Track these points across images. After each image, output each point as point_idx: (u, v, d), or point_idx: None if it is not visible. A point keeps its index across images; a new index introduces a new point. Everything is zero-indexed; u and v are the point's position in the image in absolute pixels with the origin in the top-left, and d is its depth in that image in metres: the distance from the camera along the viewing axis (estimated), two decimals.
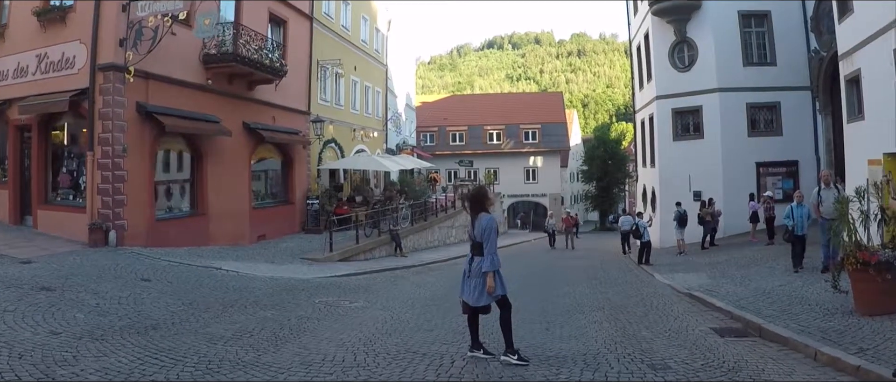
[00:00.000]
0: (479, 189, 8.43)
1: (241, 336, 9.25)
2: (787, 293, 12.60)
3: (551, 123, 70.39)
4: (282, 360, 7.96)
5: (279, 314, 11.37)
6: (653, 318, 11.40)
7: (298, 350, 8.54)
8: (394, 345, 9.00)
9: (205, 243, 21.40)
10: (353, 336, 9.67)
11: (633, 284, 17.11)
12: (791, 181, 29.30)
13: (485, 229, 7.87)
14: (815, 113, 28.80)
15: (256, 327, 10.02)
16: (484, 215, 8.05)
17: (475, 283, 8.00)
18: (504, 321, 7.97)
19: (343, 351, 8.54)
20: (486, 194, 8.30)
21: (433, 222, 34.83)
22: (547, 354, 8.51)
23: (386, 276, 19.65)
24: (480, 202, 8.16)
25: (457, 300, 13.68)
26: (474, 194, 8.30)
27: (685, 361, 8.06)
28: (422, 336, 9.77)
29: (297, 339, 9.30)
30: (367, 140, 38.49)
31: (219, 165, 22.55)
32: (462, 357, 8.19)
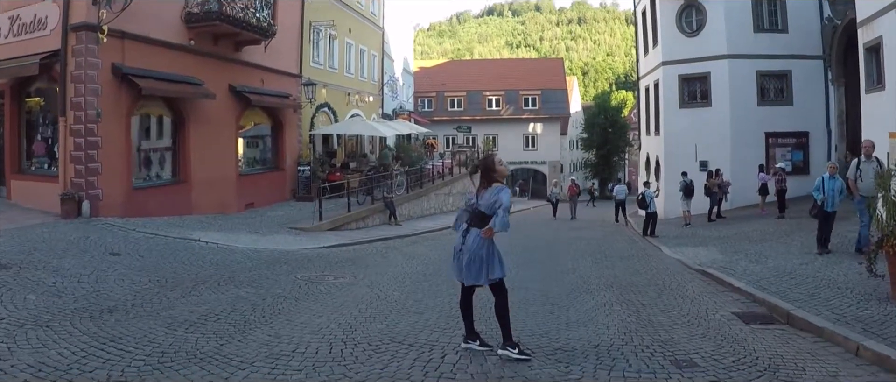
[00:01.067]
0: (486, 158, 7.36)
1: (207, 320, 8.23)
2: (810, 274, 11.54)
3: (551, 90, 69.15)
4: (246, 351, 6.90)
5: (254, 292, 10.36)
6: (667, 300, 10.34)
7: (267, 339, 7.48)
8: (377, 332, 7.94)
9: (187, 212, 20.44)
10: (332, 319, 8.63)
11: (641, 259, 16.04)
12: (801, 153, 28.60)
13: (500, 198, 6.86)
14: (827, 83, 27.94)
15: (226, 308, 9.01)
16: (498, 186, 7.03)
17: (471, 258, 6.96)
18: (500, 308, 6.98)
19: (318, 340, 7.48)
20: (493, 164, 7.19)
21: (429, 189, 33.80)
22: (553, 345, 7.46)
23: (377, 247, 18.63)
24: (488, 173, 7.11)
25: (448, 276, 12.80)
26: (482, 163, 7.26)
27: (712, 356, 7.00)
28: (410, 320, 8.71)
29: (269, 324, 8.25)
30: (363, 105, 37.26)
31: (203, 130, 21.47)
32: (455, 349, 7.13)
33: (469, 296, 7.28)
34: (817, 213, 14.09)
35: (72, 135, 16.90)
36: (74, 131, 16.87)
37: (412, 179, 32.47)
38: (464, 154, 45.06)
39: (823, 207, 13.81)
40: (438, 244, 19.50)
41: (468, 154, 45.59)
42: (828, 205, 13.81)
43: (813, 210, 14.40)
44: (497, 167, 7.11)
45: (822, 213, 13.90)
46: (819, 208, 13.92)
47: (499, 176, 7.11)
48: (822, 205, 13.81)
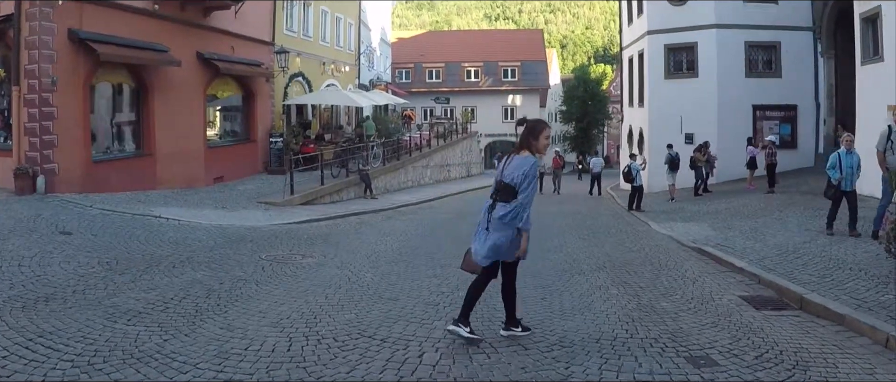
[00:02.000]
0: (537, 121, 6.57)
1: (154, 309, 7.28)
2: (816, 253, 10.73)
3: (531, 61, 68.04)
4: (192, 349, 5.94)
5: (212, 275, 9.39)
6: (666, 281, 9.45)
7: (219, 333, 6.53)
8: (345, 324, 6.97)
9: (152, 187, 19.35)
10: (295, 308, 7.67)
11: (630, 235, 15.16)
12: (789, 127, 28.17)
13: (529, 173, 6.10)
14: (817, 55, 27.40)
15: (178, 294, 8.06)
16: (527, 155, 6.24)
17: (490, 237, 6.24)
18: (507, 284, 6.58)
19: (277, 334, 6.51)
20: (540, 130, 6.35)
21: (406, 161, 32.80)
22: (548, 338, 6.52)
23: (351, 222, 17.66)
24: (528, 136, 6.33)
25: (426, 255, 11.92)
26: (529, 122, 6.44)
27: (731, 351, 6.11)
28: (383, 308, 7.73)
29: (223, 314, 7.29)
30: (338, 75, 36.06)
31: (168, 99, 20.26)
32: (435, 345, 6.20)
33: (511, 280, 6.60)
34: (834, 193, 12.48)
35: (26, 105, 15.80)
36: (28, 101, 15.78)
37: (389, 151, 31.44)
38: (442, 126, 44.05)
39: (840, 186, 12.30)
40: (416, 220, 18.60)
41: (446, 126, 44.64)
42: (845, 184, 12.31)
43: (829, 190, 12.61)
44: (541, 137, 6.28)
45: (839, 193, 12.41)
46: (836, 188, 12.37)
47: (537, 147, 6.28)
48: (838, 185, 12.30)
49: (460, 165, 45.16)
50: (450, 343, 6.26)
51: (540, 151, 6.31)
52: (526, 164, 6.11)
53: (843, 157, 12.31)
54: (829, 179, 12.48)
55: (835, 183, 12.30)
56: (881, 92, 16.77)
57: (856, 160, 12.43)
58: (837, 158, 12.34)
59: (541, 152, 6.32)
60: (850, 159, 12.35)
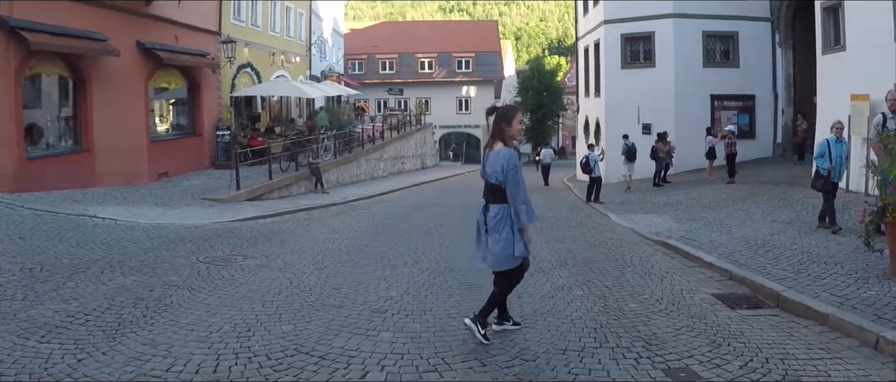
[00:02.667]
0: (508, 107, 6.18)
1: (73, 323, 6.47)
2: (786, 245, 10.25)
3: (485, 53, 67.31)
4: (108, 370, 5.18)
5: (142, 281, 8.52)
6: (633, 279, 8.83)
7: (141, 350, 5.74)
8: (280, 338, 6.19)
9: (92, 184, 18.28)
10: (228, 318, 6.87)
11: (591, 228, 14.56)
12: (747, 116, 27.93)
13: (508, 168, 5.70)
14: (775, 45, 27.18)
15: (102, 304, 7.23)
16: (500, 148, 5.85)
17: (494, 240, 5.87)
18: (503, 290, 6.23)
19: (205, 351, 5.74)
20: (512, 117, 5.88)
21: (359, 154, 32.00)
22: (508, 349, 5.82)
23: (299, 218, 16.81)
24: (499, 123, 5.91)
25: (376, 254, 11.13)
26: (500, 110, 6.00)
27: (712, 360, 5.47)
28: (325, 318, 6.96)
29: (149, 326, 6.50)
30: (289, 66, 35.00)
31: (108, 91, 19.14)
32: (379, 362, 5.46)
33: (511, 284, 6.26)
34: (824, 184, 11.46)
35: None
36: None
37: (341, 143, 30.57)
38: (395, 117, 43.33)
39: (830, 177, 11.38)
40: (367, 215, 17.80)
41: (400, 118, 43.90)
42: (835, 175, 11.47)
43: (819, 182, 11.53)
44: (514, 122, 5.83)
45: (829, 184, 11.44)
46: (825, 179, 11.40)
47: (510, 135, 5.90)
48: (828, 175, 11.36)
49: (415, 157, 44.42)
50: (397, 359, 5.55)
51: (513, 137, 5.90)
52: (501, 158, 5.69)
53: (832, 145, 11.44)
54: (817, 169, 11.55)
55: (824, 173, 11.38)
56: (843, 81, 16.56)
57: (845, 149, 11.73)
58: (826, 146, 11.45)
59: (515, 138, 5.91)
60: (840, 147, 11.51)
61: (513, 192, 5.64)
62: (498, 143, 5.80)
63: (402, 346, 5.89)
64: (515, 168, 5.66)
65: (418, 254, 10.93)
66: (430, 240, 12.58)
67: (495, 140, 5.83)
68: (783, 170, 22.07)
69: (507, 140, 5.81)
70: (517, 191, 5.65)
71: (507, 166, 5.63)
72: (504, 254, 5.78)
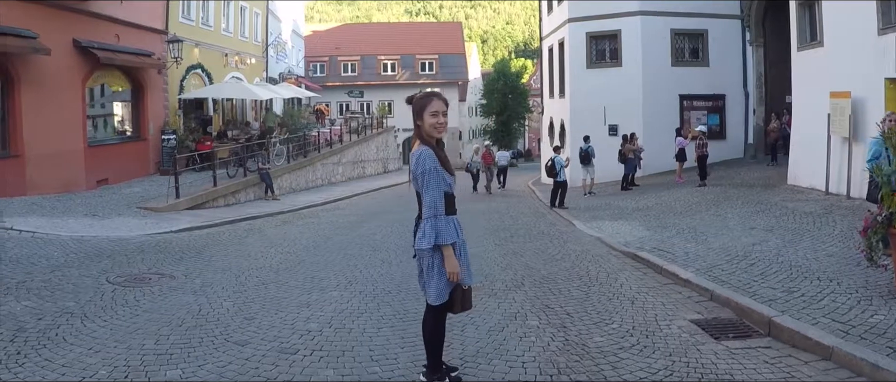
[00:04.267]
0: (424, 95, 4.66)
1: None
2: (772, 258, 9.02)
3: (449, 54, 66.35)
4: None
5: (36, 306, 7.43)
6: (599, 303, 7.54)
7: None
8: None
9: (20, 192, 16.89)
10: (109, 359, 5.67)
11: (554, 238, 13.26)
12: (717, 117, 27.06)
13: (418, 173, 4.45)
14: (745, 44, 26.30)
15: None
16: (416, 147, 4.55)
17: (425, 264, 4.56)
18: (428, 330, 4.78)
19: None
20: (423, 106, 4.52)
21: (315, 158, 30.67)
22: None
23: (239, 229, 15.49)
24: (415, 117, 4.58)
25: (308, 273, 9.70)
26: (416, 98, 4.64)
27: None
28: (222, 359, 5.67)
29: (17, 367, 5.44)
30: (243, 67, 33.58)
31: (39, 93, 17.72)
32: None
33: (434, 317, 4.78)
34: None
35: None
36: None
37: (295, 147, 29.17)
38: (356, 121, 41.97)
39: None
40: (313, 224, 16.53)
41: (360, 121, 42.56)
42: None
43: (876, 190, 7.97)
44: (426, 115, 4.47)
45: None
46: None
47: (425, 131, 4.54)
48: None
49: (376, 161, 43.06)
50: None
51: (429, 134, 4.50)
52: (414, 158, 4.41)
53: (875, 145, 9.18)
54: (872, 177, 8.43)
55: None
56: (821, 78, 15.86)
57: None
58: (876, 147, 9.11)
59: (430, 134, 4.51)
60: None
61: (427, 200, 4.33)
62: (417, 141, 4.52)
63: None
64: (426, 171, 4.35)
65: (355, 273, 9.60)
66: (374, 255, 11.27)
67: (415, 138, 4.56)
68: (756, 171, 21.11)
69: (424, 137, 4.51)
70: (432, 200, 4.32)
71: (417, 168, 4.38)
72: (434, 284, 4.50)
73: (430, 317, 4.67)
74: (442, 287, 4.47)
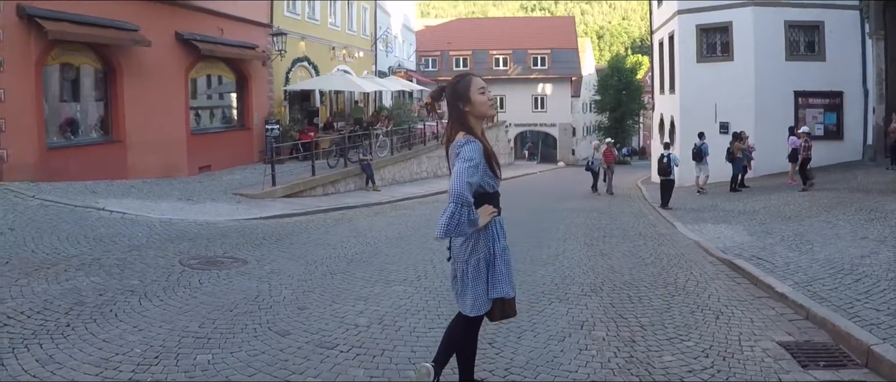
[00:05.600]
0: (457, 79, 4.14)
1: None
2: (880, 274, 7.98)
3: (562, 49, 65.04)
4: None
5: (102, 282, 7.59)
6: (680, 316, 6.93)
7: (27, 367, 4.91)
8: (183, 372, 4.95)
9: (122, 176, 17.42)
10: (149, 338, 5.73)
11: (649, 240, 12.59)
12: (834, 115, 25.24)
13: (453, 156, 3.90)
14: (864, 36, 24.26)
15: (35, 308, 6.41)
16: (462, 137, 3.93)
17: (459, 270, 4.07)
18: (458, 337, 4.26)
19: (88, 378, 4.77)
20: (466, 89, 4.00)
21: (420, 151, 30.62)
22: None
23: (329, 218, 15.49)
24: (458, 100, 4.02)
25: (380, 265, 9.49)
26: (449, 88, 4.11)
27: None
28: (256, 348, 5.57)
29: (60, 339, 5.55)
30: (351, 61, 33.81)
31: (141, 83, 18.28)
32: None
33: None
34: None
35: None
36: None
37: (400, 140, 29.15)
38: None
39: None
40: (406, 215, 16.39)
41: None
42: None
43: None
44: (474, 95, 3.95)
45: None
46: None
47: (474, 113, 4.01)
48: None
49: None
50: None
51: (482, 114, 4.03)
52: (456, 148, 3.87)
53: None
54: None
55: None
56: None
57: None
58: None
59: (486, 116, 4.06)
60: None
61: (450, 184, 3.72)
62: (459, 132, 3.95)
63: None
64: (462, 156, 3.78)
65: (427, 268, 9.27)
66: None
67: (455, 129, 4.00)
68: (874, 175, 19.48)
69: (471, 124, 3.97)
70: (452, 184, 3.69)
71: (452, 155, 3.89)
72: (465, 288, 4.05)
73: (461, 326, 4.19)
74: (479, 296, 4.00)
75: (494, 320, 4.23)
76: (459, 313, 4.16)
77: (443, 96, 4.14)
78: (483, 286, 3.99)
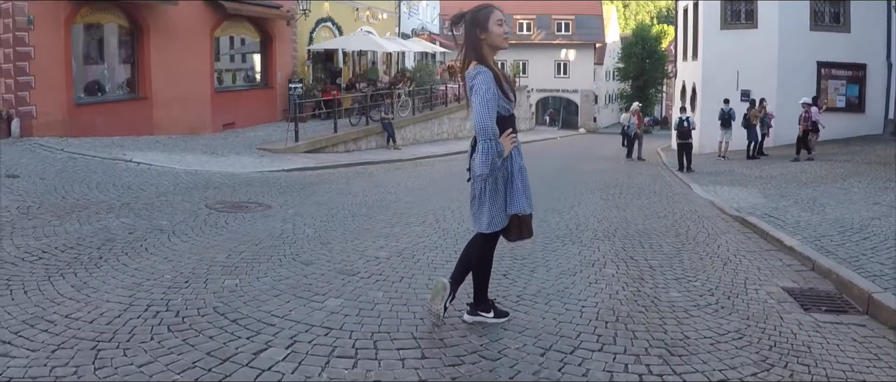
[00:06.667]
0: (482, 5, 4.27)
1: (23, 260, 5.95)
2: (889, 233, 8.17)
3: (586, 15, 64.60)
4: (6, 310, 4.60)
5: (131, 223, 7.86)
6: (689, 260, 7.17)
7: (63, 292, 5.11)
8: (211, 293, 5.20)
9: (148, 132, 17.82)
10: (179, 267, 6.01)
11: (664, 197, 12.83)
12: (856, 88, 24.98)
13: (470, 87, 4.16)
14: (890, 9, 23.86)
15: (67, 244, 6.65)
16: (475, 67, 4.16)
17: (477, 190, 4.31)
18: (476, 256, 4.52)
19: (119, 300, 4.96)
20: (486, 19, 4.19)
21: (441, 112, 30.71)
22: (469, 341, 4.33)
23: (350, 171, 15.80)
24: (476, 27, 4.21)
25: (398, 211, 9.69)
26: (472, 11, 4.25)
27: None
28: (281, 274, 5.86)
29: (93, 269, 5.79)
30: (375, 22, 33.72)
31: (167, 41, 18.49)
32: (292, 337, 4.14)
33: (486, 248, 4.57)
34: None
35: (1, 46, 14.42)
36: (3, 41, 14.40)
37: (421, 100, 29.31)
38: None
39: None
40: (425, 171, 16.68)
41: None
42: None
43: None
44: (491, 25, 4.14)
45: None
46: None
47: (490, 42, 4.21)
48: None
49: None
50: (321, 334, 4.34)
51: (498, 45, 4.22)
52: (470, 78, 4.14)
53: None
54: None
55: None
56: None
57: None
58: None
59: (498, 45, 4.23)
60: None
61: (475, 120, 4.04)
62: (472, 62, 4.19)
63: (341, 318, 4.66)
64: (476, 88, 4.06)
65: (447, 213, 9.57)
66: None
67: (469, 59, 4.22)
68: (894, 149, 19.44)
69: (485, 52, 4.19)
70: (477, 120, 4.02)
71: (468, 84, 4.13)
72: (478, 212, 4.32)
73: (479, 244, 4.45)
74: (496, 213, 4.25)
75: (512, 239, 4.52)
76: (477, 233, 4.43)
77: (462, 21, 4.27)
78: (501, 202, 4.23)
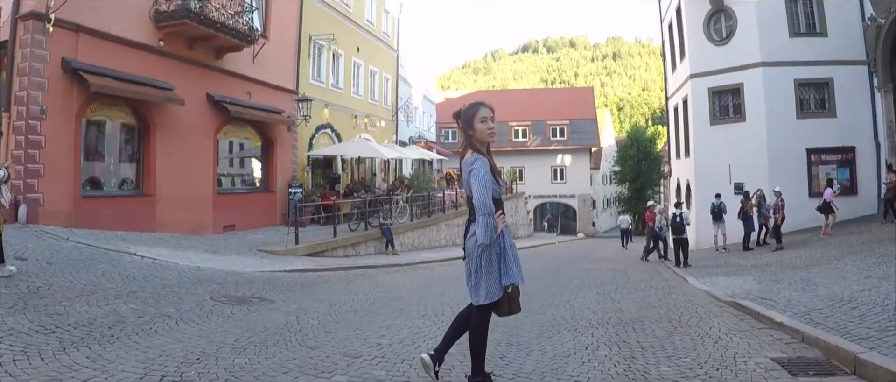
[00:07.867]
0: (470, 105, 5.04)
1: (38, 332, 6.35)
2: (877, 301, 8.43)
3: (581, 120, 65.83)
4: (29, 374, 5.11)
5: (139, 308, 8.24)
6: (680, 341, 7.36)
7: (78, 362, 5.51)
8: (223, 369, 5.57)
9: (150, 229, 18.08)
10: (190, 347, 6.38)
11: (659, 290, 13.01)
12: (847, 170, 25.44)
13: (465, 172, 4.90)
14: (873, 91, 24.69)
15: (79, 322, 7.03)
16: (471, 155, 4.89)
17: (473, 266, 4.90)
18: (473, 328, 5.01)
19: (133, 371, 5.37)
20: (473, 117, 4.92)
21: (439, 218, 30.99)
22: None
23: (351, 274, 15.97)
24: (466, 126, 4.98)
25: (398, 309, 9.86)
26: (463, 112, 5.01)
27: None
28: (287, 356, 6.17)
29: (106, 345, 6.18)
30: (373, 130, 34.68)
31: (172, 140, 19.18)
32: None
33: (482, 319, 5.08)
34: None
35: (14, 133, 15.09)
36: (16, 129, 15.05)
37: (419, 207, 29.74)
38: None
39: None
40: (424, 274, 16.80)
41: None
42: None
43: None
44: (475, 122, 4.91)
45: None
46: None
47: (476, 138, 4.92)
48: None
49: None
50: None
51: (481, 140, 4.84)
52: (467, 165, 4.76)
53: None
54: None
55: None
56: None
57: None
58: None
59: (483, 139, 4.85)
60: None
61: (475, 200, 4.68)
62: (468, 151, 4.88)
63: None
64: (474, 172, 4.67)
65: (445, 308, 9.76)
66: None
67: (465, 147, 4.92)
68: (889, 227, 19.43)
69: (476, 145, 4.84)
70: (477, 199, 4.66)
71: (467, 172, 4.74)
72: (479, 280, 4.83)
73: (476, 318, 4.91)
74: (492, 285, 4.74)
75: (503, 313, 4.92)
76: (472, 306, 4.93)
77: (458, 119, 4.99)
78: (495, 275, 4.75)
